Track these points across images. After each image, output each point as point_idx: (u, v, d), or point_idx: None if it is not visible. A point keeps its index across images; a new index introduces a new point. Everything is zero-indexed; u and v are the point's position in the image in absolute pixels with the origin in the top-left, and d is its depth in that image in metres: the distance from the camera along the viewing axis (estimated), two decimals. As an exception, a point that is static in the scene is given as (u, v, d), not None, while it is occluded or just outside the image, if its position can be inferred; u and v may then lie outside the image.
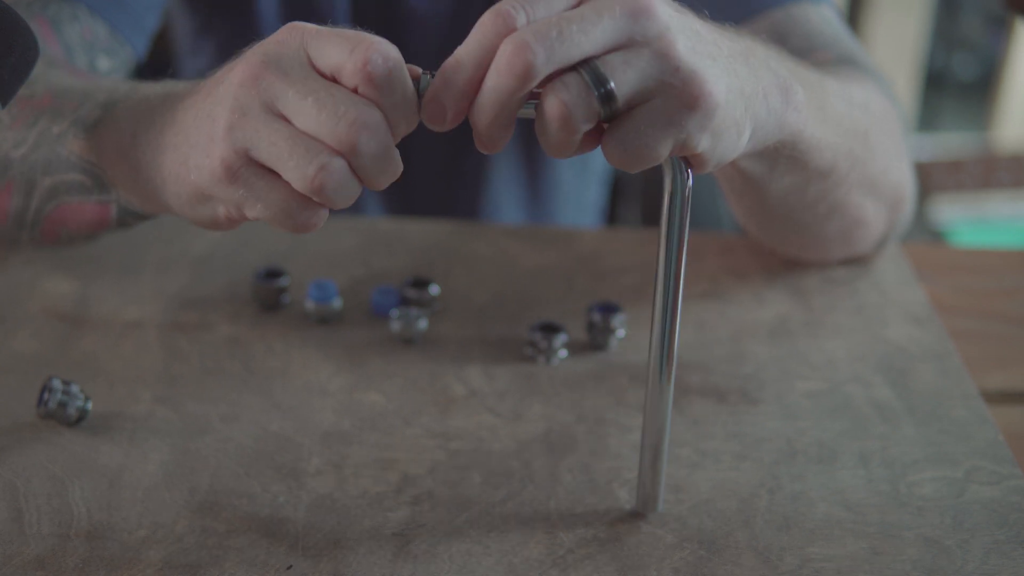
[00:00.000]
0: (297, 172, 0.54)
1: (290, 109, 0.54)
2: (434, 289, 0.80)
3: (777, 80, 0.62)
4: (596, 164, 1.16)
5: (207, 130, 0.57)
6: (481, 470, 0.65)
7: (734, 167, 0.70)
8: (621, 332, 0.76)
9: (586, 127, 0.53)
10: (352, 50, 0.53)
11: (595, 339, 0.76)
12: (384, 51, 0.54)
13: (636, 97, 0.54)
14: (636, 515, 0.62)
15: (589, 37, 0.53)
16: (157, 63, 0.97)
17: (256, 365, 0.73)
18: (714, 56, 0.56)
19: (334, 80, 0.54)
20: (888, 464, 0.67)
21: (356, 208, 1.09)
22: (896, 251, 0.89)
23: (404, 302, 0.79)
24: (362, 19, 1.02)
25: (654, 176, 1.25)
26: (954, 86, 3.02)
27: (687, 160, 0.57)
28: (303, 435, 0.67)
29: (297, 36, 0.55)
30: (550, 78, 0.53)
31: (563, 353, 0.75)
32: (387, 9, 1.02)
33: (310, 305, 0.78)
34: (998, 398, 0.77)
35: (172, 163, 0.60)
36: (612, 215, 1.31)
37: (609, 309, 0.76)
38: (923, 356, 0.77)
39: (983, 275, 0.92)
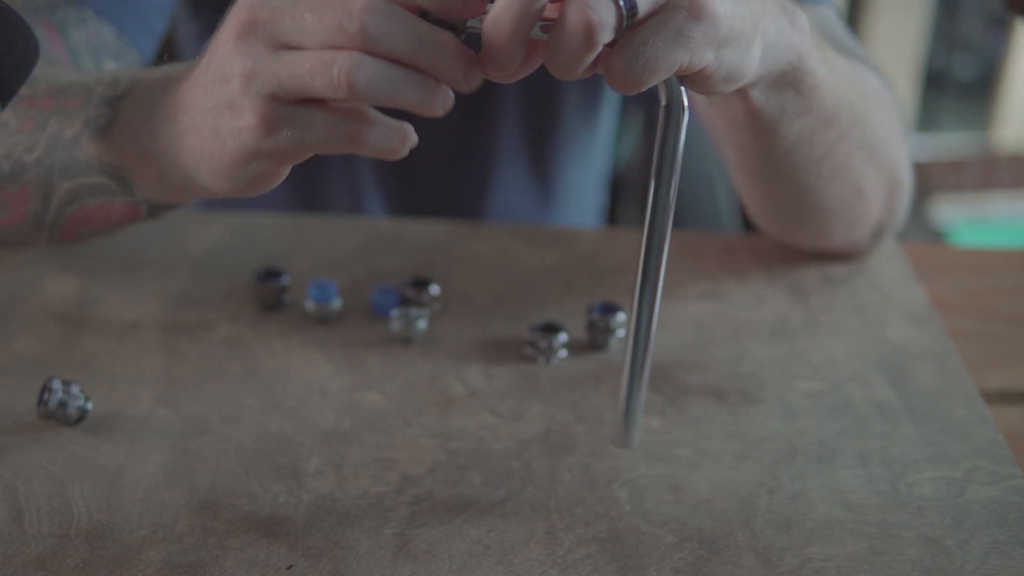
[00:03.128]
0: (326, 85, 0.52)
1: (294, 36, 0.53)
2: (434, 289, 0.80)
3: (782, 3, 0.62)
4: (599, 153, 1.16)
5: (224, 94, 0.56)
6: (481, 470, 0.65)
7: (746, 104, 0.69)
8: (621, 332, 0.76)
9: (607, 39, 0.53)
10: None
11: (595, 339, 0.76)
12: None
13: (650, 10, 0.53)
14: (633, 511, 0.62)
15: None
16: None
17: (256, 365, 0.73)
18: None
19: None
20: (888, 464, 0.67)
21: (357, 208, 1.09)
22: (896, 251, 0.89)
23: (404, 302, 0.79)
24: None
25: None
26: (954, 86, 3.02)
27: (697, 84, 0.57)
28: (303, 435, 0.67)
29: None
30: None
31: (563, 353, 0.75)
32: None
33: (310, 305, 0.78)
34: (998, 398, 0.77)
35: (198, 143, 0.59)
36: (612, 215, 1.31)
37: (609, 309, 0.76)
38: (923, 356, 0.77)
39: (983, 275, 0.92)
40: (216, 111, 0.57)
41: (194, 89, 0.59)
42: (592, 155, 1.14)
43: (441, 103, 0.54)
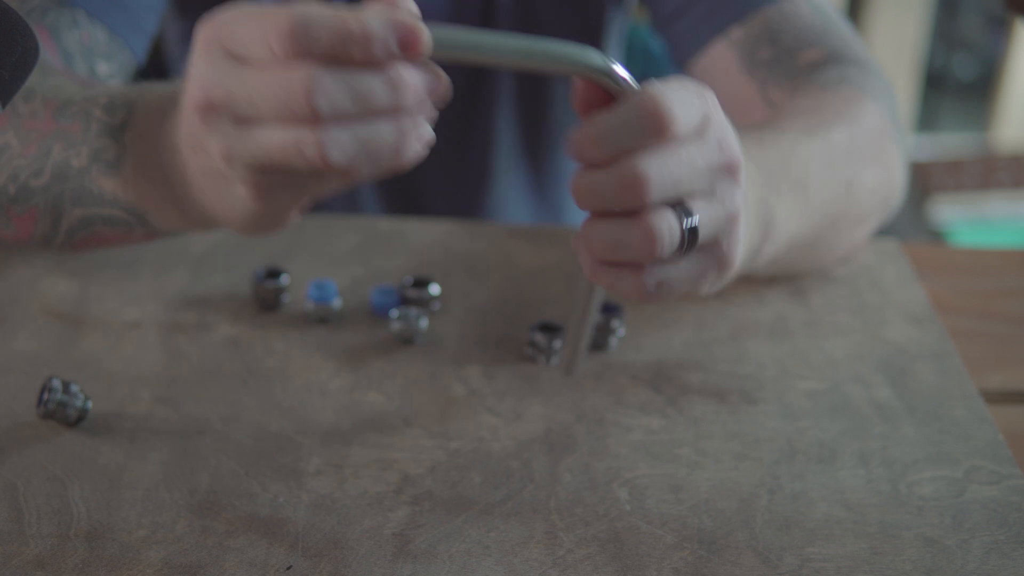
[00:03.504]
0: (305, 165, 0.52)
1: (253, 114, 0.52)
2: (434, 289, 0.80)
3: (762, 219, 0.67)
4: None
5: (211, 163, 0.56)
6: (481, 470, 0.65)
7: None
8: (621, 332, 0.76)
9: (665, 255, 0.56)
10: (267, 37, 0.50)
11: (595, 339, 0.76)
12: (297, 18, 0.50)
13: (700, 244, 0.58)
14: (633, 511, 0.62)
15: (691, 180, 0.56)
16: (154, 67, 0.97)
17: (256, 365, 0.73)
18: (748, 221, 0.62)
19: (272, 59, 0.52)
20: (888, 464, 0.67)
21: (356, 208, 1.09)
22: (896, 251, 0.89)
23: (404, 302, 0.79)
24: None
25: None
26: (954, 86, 3.02)
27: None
28: (303, 435, 0.67)
29: (214, 45, 0.53)
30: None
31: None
32: None
33: (310, 305, 0.78)
34: (998, 398, 0.77)
35: (207, 193, 0.59)
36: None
37: (609, 309, 0.76)
38: (923, 356, 0.77)
39: (983, 275, 0.92)
40: (210, 176, 0.57)
41: (183, 147, 0.59)
42: None
43: (418, 138, 0.54)
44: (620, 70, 0.55)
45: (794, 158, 0.72)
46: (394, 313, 0.76)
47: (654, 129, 0.54)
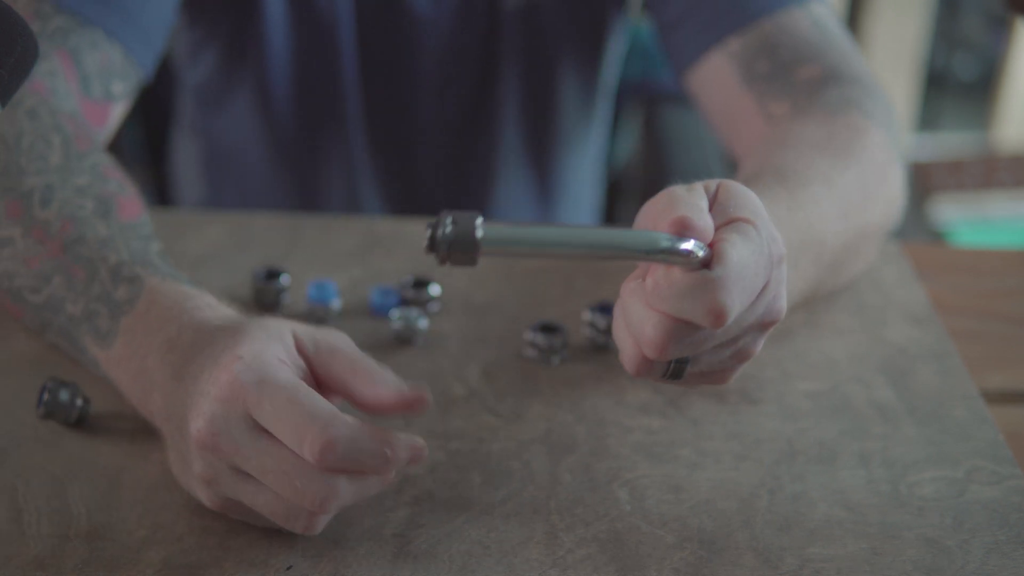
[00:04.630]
0: (287, 526, 0.58)
1: (254, 472, 0.57)
2: (434, 289, 0.79)
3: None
4: (594, 159, 1.16)
5: (185, 468, 0.60)
6: (481, 470, 0.65)
7: None
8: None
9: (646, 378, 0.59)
10: (302, 439, 0.55)
11: (595, 339, 0.76)
12: (335, 440, 0.55)
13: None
14: (633, 511, 0.62)
15: (718, 340, 0.58)
16: (157, 76, 0.97)
17: (256, 365, 0.73)
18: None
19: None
20: (888, 464, 0.67)
21: (356, 208, 1.09)
22: (896, 251, 0.89)
23: (404, 302, 0.79)
24: (366, 26, 1.02)
25: (654, 176, 1.25)
26: (954, 86, 3.02)
27: None
28: (303, 435, 0.67)
29: (239, 403, 0.56)
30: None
31: (563, 353, 0.75)
32: (390, 15, 1.02)
33: (310, 305, 0.78)
34: (998, 398, 0.77)
35: (172, 449, 0.62)
36: (612, 215, 1.31)
37: (609, 309, 0.76)
38: (923, 356, 0.77)
39: (983, 275, 0.92)
40: (180, 467, 0.60)
41: (166, 424, 0.61)
42: (589, 150, 1.14)
43: (393, 468, 0.58)
44: (687, 244, 0.55)
45: (816, 219, 0.72)
46: (394, 313, 0.76)
47: (711, 322, 0.55)
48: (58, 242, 0.69)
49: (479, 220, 0.51)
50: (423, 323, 0.76)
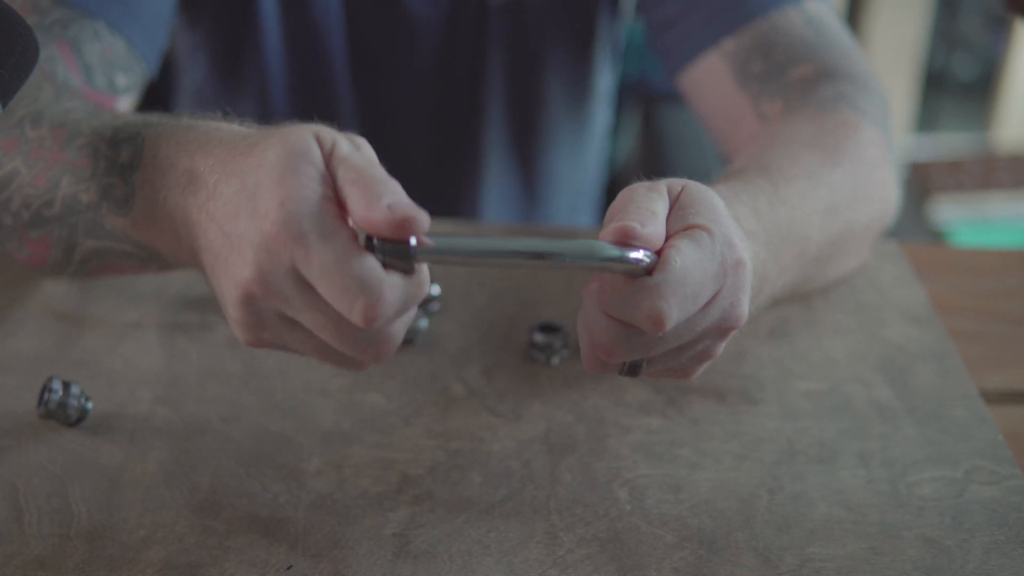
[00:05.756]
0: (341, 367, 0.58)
1: (305, 322, 0.56)
2: (434, 289, 0.79)
3: (758, 277, 0.66)
4: (591, 150, 1.16)
5: (229, 293, 0.57)
6: (481, 470, 0.65)
7: None
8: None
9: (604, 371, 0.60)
10: (350, 307, 0.54)
11: (595, 339, 0.76)
12: (382, 311, 0.54)
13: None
14: (633, 511, 0.62)
15: (668, 345, 0.59)
16: (159, 79, 0.97)
17: (256, 365, 0.73)
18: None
19: None
20: (888, 464, 0.67)
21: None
22: (896, 251, 0.89)
23: (404, 302, 0.79)
24: (358, 24, 1.02)
25: (653, 175, 1.25)
26: (954, 86, 3.02)
27: None
28: (303, 435, 0.67)
29: (287, 256, 0.54)
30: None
31: (563, 353, 0.75)
32: (383, 13, 1.02)
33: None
34: (998, 398, 0.77)
35: (209, 264, 0.60)
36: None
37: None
38: (923, 356, 0.77)
39: (983, 275, 0.92)
40: (221, 287, 0.58)
41: (211, 234, 0.59)
42: (583, 151, 1.14)
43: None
44: (632, 253, 0.56)
45: (799, 213, 0.72)
46: (394, 313, 0.76)
47: (650, 328, 0.56)
48: (54, 148, 0.68)
49: (412, 240, 0.54)
50: (423, 323, 0.76)
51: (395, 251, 0.54)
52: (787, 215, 0.71)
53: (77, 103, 0.73)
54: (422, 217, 0.53)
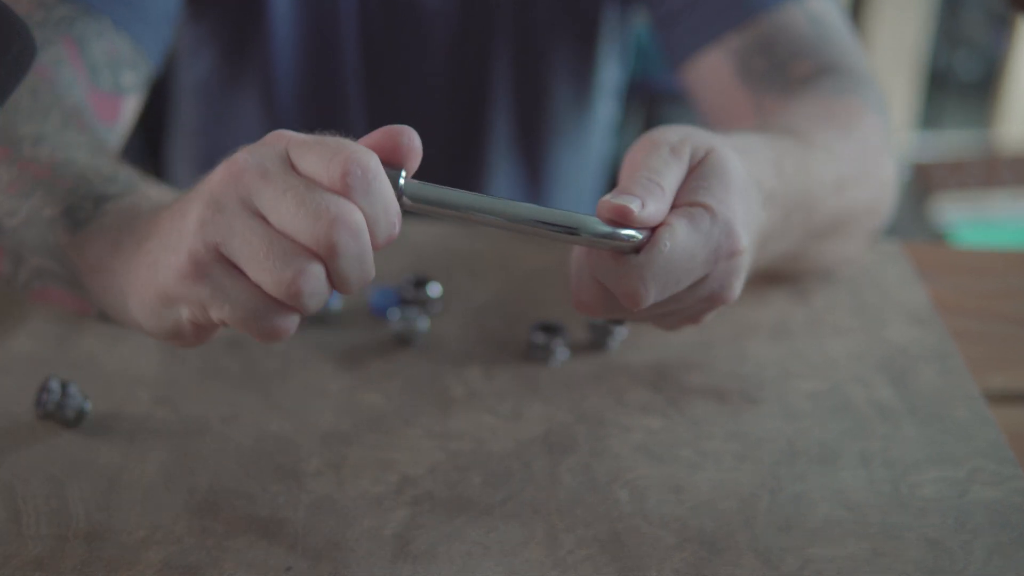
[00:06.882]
0: (272, 275, 0.52)
1: (268, 206, 0.52)
2: (434, 289, 0.79)
3: (761, 238, 0.67)
4: (594, 146, 1.16)
5: (178, 226, 0.55)
6: (481, 470, 0.65)
7: None
8: (622, 332, 0.76)
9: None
10: (330, 159, 0.52)
11: (595, 339, 0.76)
12: (363, 161, 0.52)
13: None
14: (634, 512, 0.62)
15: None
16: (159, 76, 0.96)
17: (256, 365, 0.73)
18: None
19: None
20: (889, 464, 0.67)
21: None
22: (898, 251, 0.89)
23: (404, 302, 0.79)
24: (370, 18, 1.02)
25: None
26: (956, 85, 3.01)
27: None
28: (303, 435, 0.67)
29: (281, 141, 0.54)
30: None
31: (563, 353, 0.75)
32: (395, 7, 1.02)
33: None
34: (1000, 398, 0.77)
35: (141, 269, 0.58)
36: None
37: (610, 309, 0.76)
38: (925, 356, 0.77)
39: (985, 275, 0.92)
40: (166, 242, 0.56)
41: (166, 213, 0.58)
42: (587, 147, 1.14)
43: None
44: (622, 231, 0.57)
45: (815, 183, 0.73)
46: (394, 313, 0.76)
47: (627, 304, 0.58)
48: (46, 167, 0.68)
49: (403, 173, 0.54)
50: (423, 323, 0.76)
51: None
52: (805, 182, 0.71)
53: (83, 138, 0.73)
54: (412, 133, 0.54)
